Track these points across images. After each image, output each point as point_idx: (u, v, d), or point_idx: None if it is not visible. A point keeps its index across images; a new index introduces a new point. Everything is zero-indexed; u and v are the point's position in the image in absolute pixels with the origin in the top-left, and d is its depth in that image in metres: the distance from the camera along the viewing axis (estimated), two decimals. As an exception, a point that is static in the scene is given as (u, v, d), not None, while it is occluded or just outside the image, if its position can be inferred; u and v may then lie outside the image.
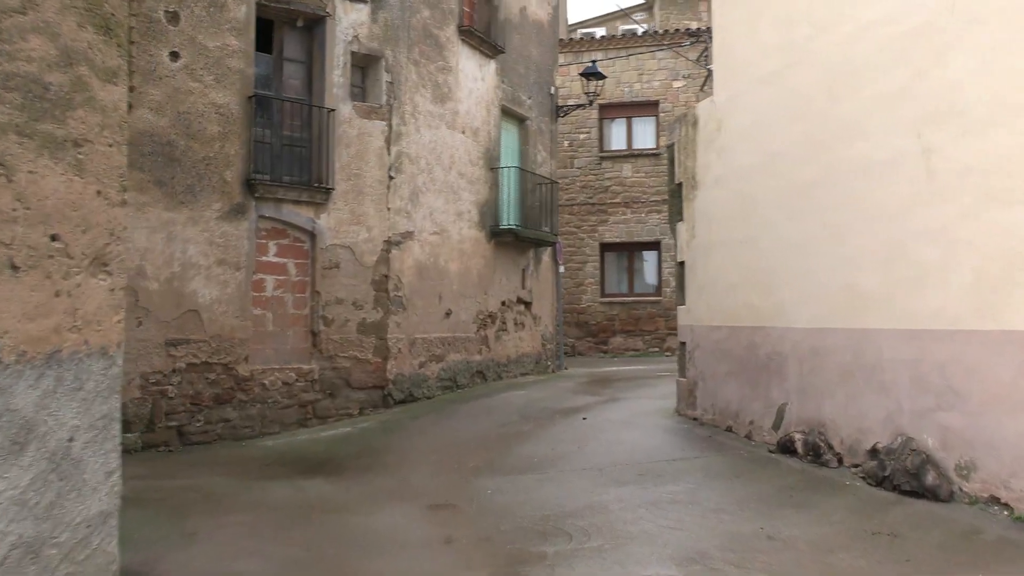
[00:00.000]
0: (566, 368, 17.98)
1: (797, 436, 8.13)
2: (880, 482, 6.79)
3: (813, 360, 8.06)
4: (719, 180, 9.89)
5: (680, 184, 10.93)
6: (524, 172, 15.65)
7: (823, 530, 5.85)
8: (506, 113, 15.66)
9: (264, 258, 10.66)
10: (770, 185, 8.82)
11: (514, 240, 15.02)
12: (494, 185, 14.92)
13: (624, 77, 23.89)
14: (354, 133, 11.67)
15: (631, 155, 23.86)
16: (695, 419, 10.41)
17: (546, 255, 17.29)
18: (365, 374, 11.71)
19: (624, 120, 24.25)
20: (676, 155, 11.05)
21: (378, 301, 11.88)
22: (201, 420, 9.85)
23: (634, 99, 23.97)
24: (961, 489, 6.16)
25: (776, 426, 8.63)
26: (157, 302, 9.51)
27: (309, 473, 8.31)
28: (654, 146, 23.89)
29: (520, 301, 16.00)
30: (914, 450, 6.60)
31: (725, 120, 9.78)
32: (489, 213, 14.77)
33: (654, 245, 23.73)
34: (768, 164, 8.85)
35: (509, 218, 15.30)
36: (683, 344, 10.91)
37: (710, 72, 23.18)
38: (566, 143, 23.63)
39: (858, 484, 6.99)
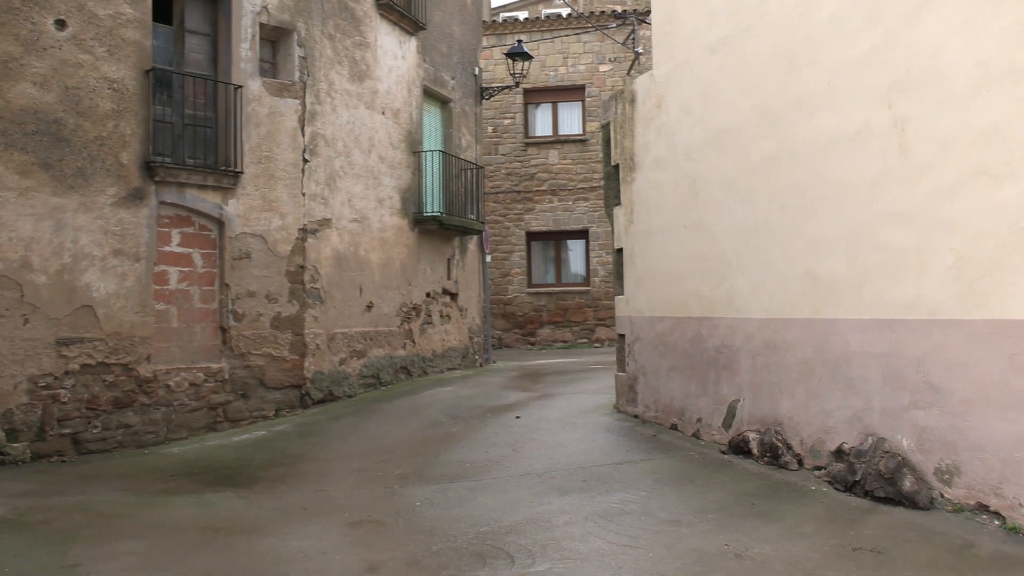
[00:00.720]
0: (494, 362, 17.28)
1: (751, 436, 7.56)
2: (850, 487, 6.25)
3: (769, 354, 7.50)
4: (660, 161, 9.28)
5: (617, 166, 10.30)
6: (448, 156, 14.85)
7: (797, 546, 5.25)
8: (428, 94, 14.84)
9: (167, 248, 9.67)
10: (718, 165, 8.24)
11: (439, 228, 14.22)
12: (417, 170, 14.09)
13: (549, 61, 23.26)
14: (264, 112, 10.73)
15: (557, 141, 23.25)
16: (636, 416, 9.81)
17: (472, 244, 16.53)
18: (281, 372, 10.80)
19: (549, 105, 23.62)
20: (612, 135, 10.41)
21: (294, 294, 10.98)
22: (99, 426, 8.84)
23: (560, 83, 23.36)
24: (943, 495, 5.64)
25: (727, 424, 8.07)
26: (45, 297, 8.47)
27: (217, 485, 7.43)
28: (580, 132, 23.35)
29: (446, 292, 15.22)
30: (887, 452, 6.07)
31: (666, 95, 9.17)
32: (412, 200, 13.94)
33: (582, 234, 23.19)
34: (716, 142, 8.27)
35: (433, 205, 14.50)
36: (622, 336, 10.29)
37: (637, 55, 22.76)
38: (490, 128, 22.91)
39: (824, 489, 6.44)
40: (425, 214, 14.09)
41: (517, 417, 10.19)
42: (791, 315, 7.23)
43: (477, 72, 16.91)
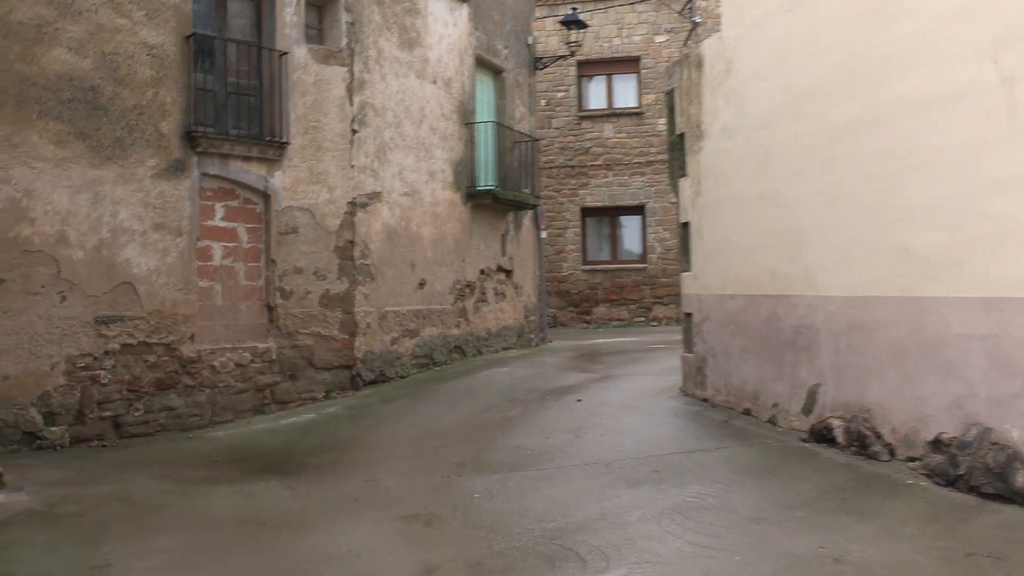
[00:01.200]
0: (550, 341, 16.75)
1: (835, 423, 6.94)
2: (952, 481, 5.61)
3: (854, 335, 6.85)
4: (729, 128, 8.63)
5: (682, 135, 9.66)
6: (502, 128, 14.30)
7: (899, 549, 4.65)
8: (481, 63, 14.27)
9: (210, 222, 9.29)
10: (795, 131, 7.57)
11: (493, 202, 13.70)
12: (469, 142, 13.56)
13: (603, 32, 22.51)
14: (311, 80, 10.27)
15: (612, 114, 22.54)
16: (705, 400, 9.22)
17: (527, 219, 15.98)
18: (330, 352, 10.39)
19: (604, 78, 22.90)
20: (677, 102, 9.77)
21: (343, 270, 10.55)
22: (140, 409, 8.51)
23: (614, 55, 22.61)
24: (1067, 494, 5.00)
25: (807, 410, 7.45)
26: (83, 274, 8.14)
27: (262, 473, 7.04)
28: (636, 105, 22.60)
29: (500, 269, 14.71)
30: (996, 444, 5.42)
31: (736, 59, 8.50)
32: (465, 173, 13.42)
33: (638, 209, 22.50)
34: (792, 106, 7.60)
35: (487, 178, 13.97)
36: (688, 316, 9.69)
37: (695, 25, 21.92)
38: (543, 102, 22.25)
39: (922, 483, 5.81)
40: (478, 188, 13.58)
41: (578, 400, 9.66)
42: (880, 293, 6.57)
43: (531, 41, 16.29)
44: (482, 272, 14.02)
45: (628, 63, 22.62)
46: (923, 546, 4.68)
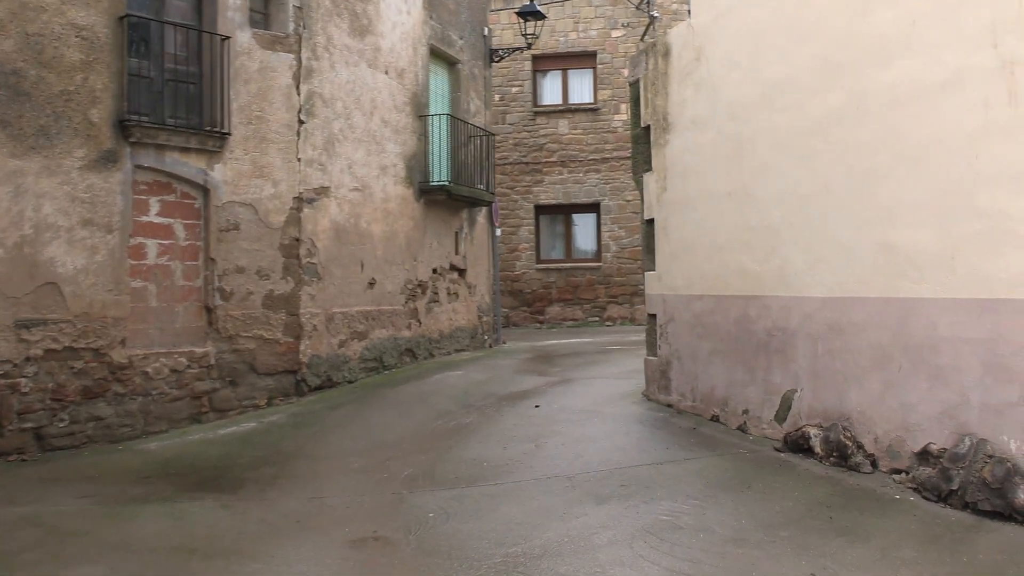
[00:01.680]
0: (504, 342, 16.27)
1: (812, 432, 6.56)
2: (944, 497, 5.24)
3: (832, 338, 6.47)
4: (699, 120, 8.22)
5: (647, 128, 9.24)
6: (457, 121, 13.76)
7: (900, 576, 4.26)
8: (435, 54, 13.73)
9: (144, 218, 8.64)
10: (770, 123, 7.19)
11: (446, 199, 13.16)
12: (423, 135, 13.02)
13: (559, 26, 22.08)
14: (255, 67, 9.65)
15: (567, 110, 22.13)
16: (670, 406, 8.81)
17: (481, 216, 15.47)
18: (274, 356, 9.79)
19: (559, 72, 22.48)
20: (642, 93, 9.34)
21: (288, 269, 9.94)
22: (66, 419, 7.85)
23: (570, 50, 22.20)
24: (1073, 513, 4.64)
25: (781, 418, 7.06)
26: (3, 273, 7.46)
27: (197, 490, 6.45)
28: (592, 100, 22.22)
29: (453, 268, 14.19)
30: (991, 456, 5.06)
31: (707, 47, 8.09)
32: (417, 168, 12.87)
33: (593, 207, 22.12)
34: (767, 97, 7.21)
35: (441, 174, 13.43)
36: (653, 317, 9.28)
37: (653, 19, 21.55)
38: (497, 97, 21.74)
39: (911, 499, 5.43)
40: (432, 183, 13.04)
41: (536, 406, 9.19)
42: (861, 293, 6.20)
43: (487, 32, 15.80)
44: (435, 271, 13.49)
45: (584, 58, 22.22)
46: (924, 572, 4.28)
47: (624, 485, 6.13)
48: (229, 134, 9.23)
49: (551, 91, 22.51)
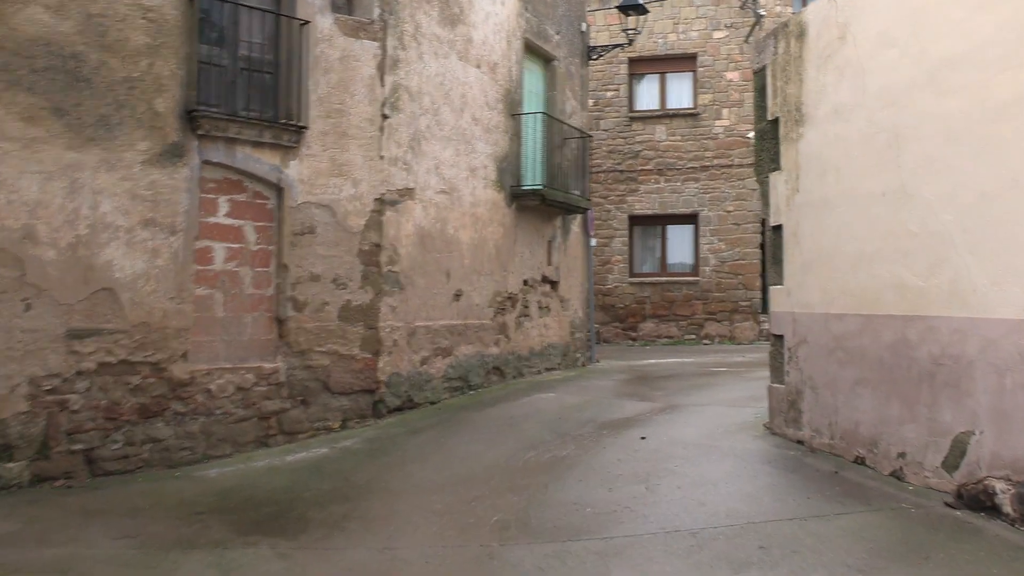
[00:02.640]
0: (598, 361, 15.14)
1: (999, 486, 5.29)
2: None
3: (1029, 370, 5.21)
4: (842, 109, 7.01)
5: (775, 120, 8.06)
6: (552, 121, 12.73)
7: None
8: (530, 49, 12.74)
9: (211, 219, 7.83)
10: (938, 109, 5.95)
11: (540, 204, 12.12)
12: (515, 136, 12.03)
13: (657, 27, 20.93)
14: (336, 56, 8.78)
15: (665, 115, 20.96)
16: (800, 443, 7.58)
17: (575, 225, 14.40)
18: (349, 374, 8.88)
19: (657, 76, 21.33)
20: (769, 81, 8.16)
21: (367, 278, 9.03)
22: (119, 441, 7.05)
23: (668, 52, 21.04)
24: None
25: (951, 465, 5.79)
26: (55, 277, 6.69)
27: (253, 532, 5.51)
28: (691, 105, 21.00)
29: (545, 280, 13.14)
30: None
31: (853, 23, 6.89)
32: (509, 170, 11.89)
33: (691, 218, 20.86)
34: (935, 78, 5.98)
35: (534, 177, 12.42)
36: (778, 338, 8.06)
37: (759, 18, 20.22)
38: (591, 102, 20.67)
39: None
40: (524, 187, 12.03)
41: (642, 438, 8.05)
42: (1069, 316, 4.93)
43: (584, 28, 14.76)
44: (525, 283, 12.46)
45: (683, 60, 21.02)
46: None
47: (764, 547, 4.97)
48: (306, 128, 8.38)
49: (648, 95, 21.38)
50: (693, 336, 20.58)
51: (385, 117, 9.27)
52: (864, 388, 6.74)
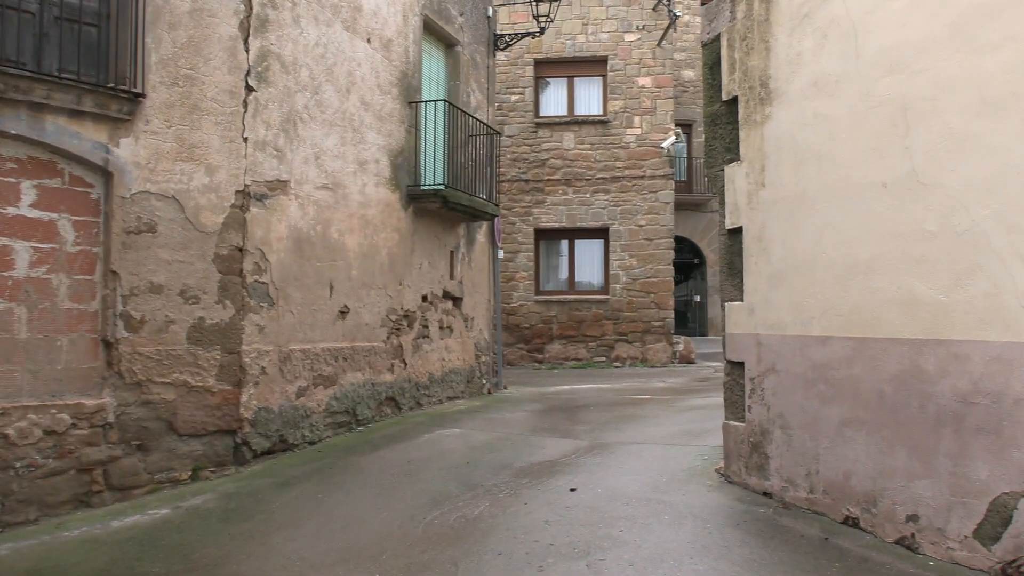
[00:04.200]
0: (505, 388, 13.52)
1: (1076, 572, 3.88)
2: None
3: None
4: (825, 82, 5.62)
5: (733, 100, 6.64)
6: (456, 112, 11.08)
7: None
8: (430, 30, 11.11)
9: (10, 210, 5.91)
10: (968, 72, 4.60)
11: (441, 208, 10.45)
12: (413, 127, 10.36)
13: (565, 28, 19.65)
14: (185, 8, 6.95)
15: (573, 122, 19.65)
16: (767, 495, 6.13)
17: (481, 234, 12.80)
18: (203, 411, 7.01)
19: (564, 80, 20.03)
20: (724, 53, 6.74)
21: (226, 290, 7.20)
22: None
23: (577, 54, 19.76)
24: None
25: (990, 535, 4.39)
26: None
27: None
28: (601, 112, 19.76)
29: (447, 296, 11.47)
30: None
31: (840, -26, 5.52)
32: (406, 167, 10.20)
33: (600, 232, 19.57)
34: (963, 32, 4.63)
35: (435, 176, 10.77)
36: (736, 366, 6.61)
37: (674, 18, 19.06)
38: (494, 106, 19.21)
39: None
40: (423, 187, 10.34)
41: (572, 490, 6.47)
42: None
43: (491, 13, 13.22)
44: (424, 299, 10.76)
45: (593, 64, 19.77)
46: None
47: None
48: (143, 96, 6.53)
49: (555, 100, 20.04)
50: (603, 358, 19.23)
51: (250, 90, 7.48)
52: (856, 431, 5.32)
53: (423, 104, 10.47)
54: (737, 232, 6.59)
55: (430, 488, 6.65)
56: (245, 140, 7.33)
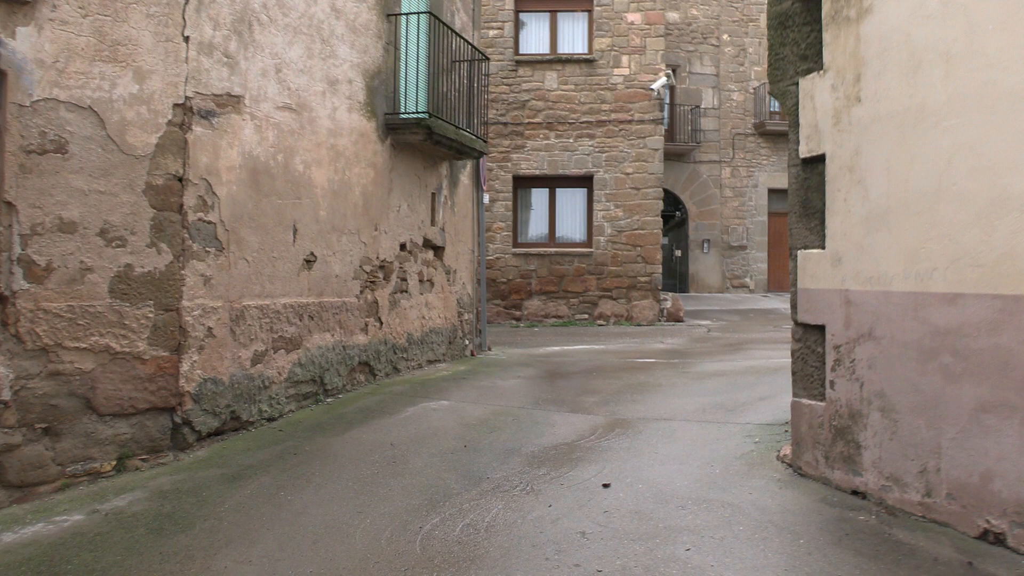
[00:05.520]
0: (489, 349, 12.12)
1: None
2: None
3: None
4: (955, -42, 4.21)
5: (813, -8, 5.23)
6: (441, 29, 9.47)
7: None
8: (410, -67, 9.49)
9: None
10: None
11: (425, 141, 8.90)
12: (391, 45, 8.79)
13: (548, -43, 18.02)
14: None
15: (556, 61, 18.13)
16: (858, 494, 4.82)
17: (465, 175, 11.30)
18: (131, 384, 5.50)
19: (547, 15, 18.44)
20: (802, -66, 5.30)
21: (162, 230, 5.65)
22: None
23: (561, -14, 18.17)
24: None
25: None
26: None
27: None
28: (586, 51, 18.26)
29: (428, 244, 9.99)
30: None
31: None
32: (383, 92, 8.64)
33: (584, 180, 18.18)
34: None
35: (417, 104, 9.22)
36: (811, 330, 5.26)
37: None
38: (471, 40, 17.58)
39: None
40: (404, 115, 8.79)
41: (605, 486, 5.11)
42: None
43: (476, -79, 11.59)
44: (403, 247, 9.27)
45: (578, -2, 18.20)
46: None
47: None
48: (48, -29, 4.94)
49: (537, 37, 18.46)
50: (586, 316, 17.93)
51: (194, -23, 5.88)
52: (1004, 419, 3.99)
53: (403, 18, 8.88)
54: (816, 161, 5.20)
55: (423, 482, 5.25)
56: (186, 40, 5.74)
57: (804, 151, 5.27)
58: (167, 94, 5.60)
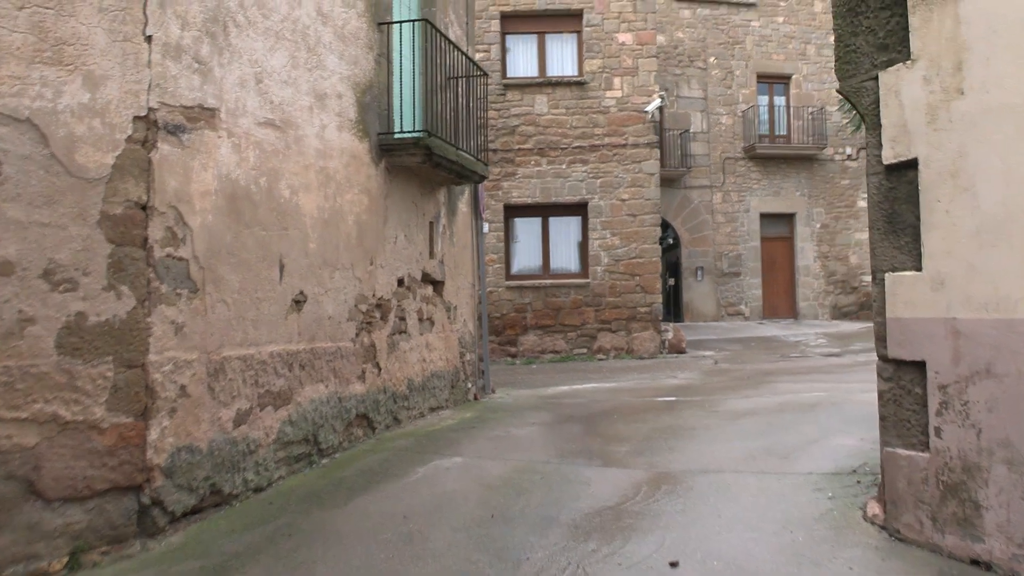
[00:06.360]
0: (493, 391, 11.18)
1: None
2: None
3: None
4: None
5: (899, -33, 4.41)
6: (438, 37, 8.59)
7: None
8: (399, -61, 8.66)
9: None
10: None
11: (423, 164, 7.98)
12: (383, 57, 7.93)
13: (534, -23, 17.33)
14: None
15: (546, 84, 17.42)
16: (977, 562, 3.93)
17: (463, 201, 10.42)
18: (86, 460, 4.51)
19: (535, 37, 17.74)
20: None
21: (121, 270, 4.68)
22: None
23: (548, 7, 17.52)
24: None
25: None
26: None
27: None
28: (576, 73, 17.53)
29: (427, 279, 9.07)
30: None
31: None
32: (375, 108, 7.76)
33: (578, 208, 17.40)
34: None
35: (413, 120, 8.35)
36: (908, 367, 4.38)
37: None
38: (457, 64, 16.80)
39: None
40: (398, 135, 7.91)
41: (673, 565, 4.19)
42: None
43: (467, -69, 10.81)
44: (400, 283, 8.35)
45: (566, 19, 17.53)
46: None
47: None
48: (-25, -44, 4.04)
49: (525, 60, 17.75)
50: (584, 350, 17.05)
51: (157, -29, 4.99)
52: None
53: (397, 26, 8.03)
54: (905, 168, 4.35)
55: (449, 566, 4.31)
56: (148, 40, 4.83)
57: (889, 156, 4.43)
58: (126, 104, 4.68)
